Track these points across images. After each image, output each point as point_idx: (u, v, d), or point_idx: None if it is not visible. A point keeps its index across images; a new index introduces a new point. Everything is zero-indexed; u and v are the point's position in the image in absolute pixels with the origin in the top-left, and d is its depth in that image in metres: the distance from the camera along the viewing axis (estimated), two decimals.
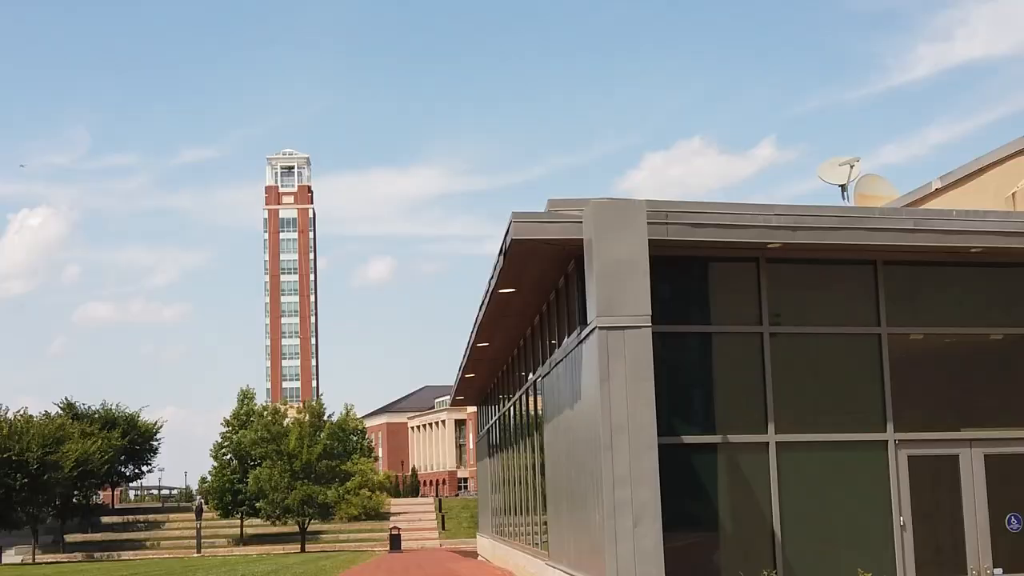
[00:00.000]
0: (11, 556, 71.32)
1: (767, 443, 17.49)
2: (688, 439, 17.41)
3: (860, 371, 18.16)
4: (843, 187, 26.36)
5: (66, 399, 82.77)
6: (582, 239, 16.74)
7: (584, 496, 17.89)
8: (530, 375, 26.52)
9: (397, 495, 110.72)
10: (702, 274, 18.21)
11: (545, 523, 24.35)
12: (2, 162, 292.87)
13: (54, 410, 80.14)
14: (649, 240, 16.25)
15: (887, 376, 18.04)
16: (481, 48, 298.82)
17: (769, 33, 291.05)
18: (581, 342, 17.63)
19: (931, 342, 18.86)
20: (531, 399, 26.79)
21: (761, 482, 17.42)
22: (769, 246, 17.49)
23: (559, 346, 20.87)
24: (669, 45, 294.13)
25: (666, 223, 16.71)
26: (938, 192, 24.67)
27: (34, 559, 70.31)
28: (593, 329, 16.39)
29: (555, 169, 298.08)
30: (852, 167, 26.29)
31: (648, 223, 16.31)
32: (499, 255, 19.17)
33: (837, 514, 17.69)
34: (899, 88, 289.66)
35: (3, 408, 71.05)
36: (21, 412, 70.20)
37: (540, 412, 24.61)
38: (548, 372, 22.26)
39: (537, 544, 26.69)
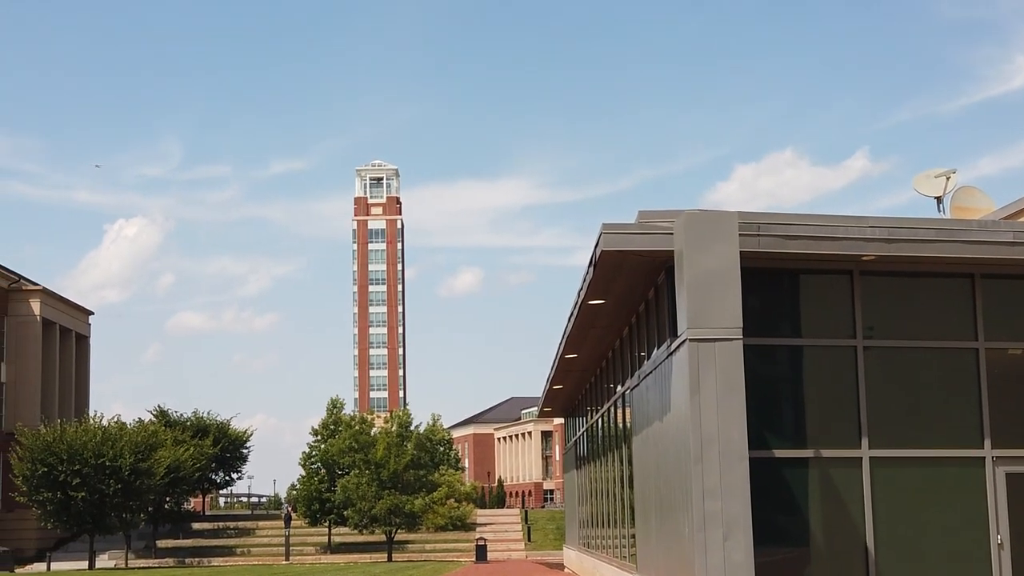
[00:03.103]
0: (104, 561, 72.47)
1: (860, 458, 17.26)
2: (779, 453, 17.23)
3: (957, 386, 17.86)
4: (939, 199, 25.90)
5: (159, 406, 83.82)
6: (672, 250, 16.67)
7: (673, 508, 17.78)
8: (618, 387, 26.43)
9: (483, 506, 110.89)
10: (794, 286, 18.04)
11: (633, 535, 24.23)
12: (100, 173, 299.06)
13: (147, 417, 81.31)
14: (740, 252, 16.14)
15: (984, 392, 17.71)
16: (569, 59, 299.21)
17: (862, 43, 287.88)
18: (671, 354, 17.53)
19: None
20: (619, 411, 26.69)
21: (854, 497, 17.19)
22: (863, 258, 17.26)
23: (648, 358, 20.77)
24: (759, 56, 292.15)
25: (758, 235, 16.57)
26: None
27: (127, 564, 71.42)
28: (684, 341, 16.29)
29: (643, 181, 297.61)
30: (948, 179, 25.81)
31: (740, 235, 16.20)
32: (589, 266, 19.15)
33: (933, 531, 17.40)
34: (996, 99, 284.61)
35: (98, 415, 72.26)
36: (115, 419, 71.34)
37: (629, 424, 24.50)
38: (637, 384, 22.17)
39: (625, 557, 26.57)
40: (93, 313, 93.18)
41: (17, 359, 79.70)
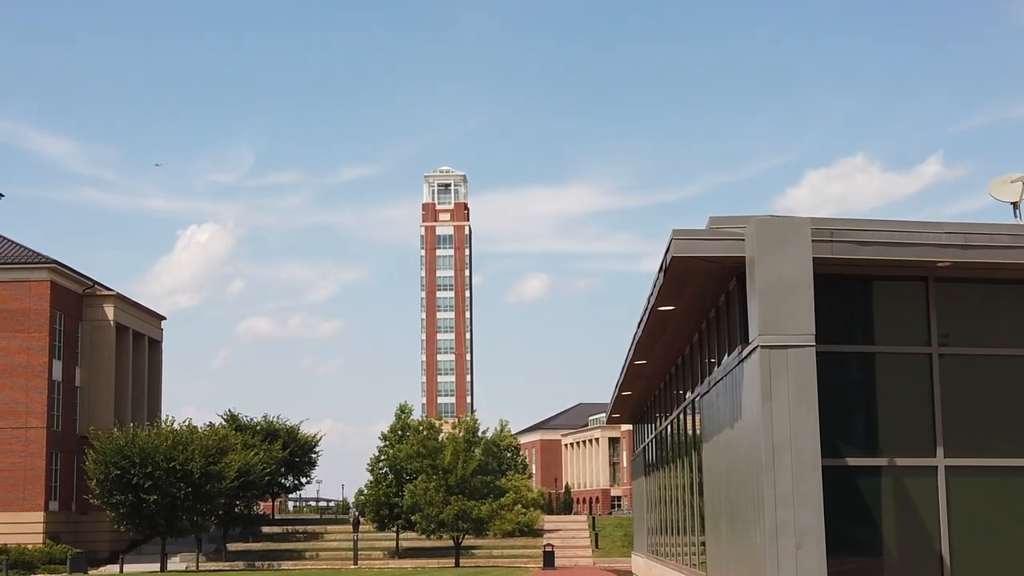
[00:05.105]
0: (176, 563, 73.31)
1: (935, 467, 17.03)
2: (852, 461, 17.05)
3: None
4: (1015, 205, 25.47)
5: (229, 411, 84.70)
6: (744, 256, 16.55)
7: (744, 516, 17.65)
8: (688, 393, 26.30)
9: (550, 512, 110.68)
10: (867, 293, 17.85)
11: (703, 543, 24.10)
12: (173, 179, 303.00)
13: (218, 421, 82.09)
14: (813, 258, 16.00)
15: None
16: (637, 65, 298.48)
17: (935, 47, 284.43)
18: (742, 361, 17.41)
19: None
20: (689, 418, 26.56)
21: (929, 507, 16.95)
22: (938, 265, 17.04)
23: (719, 364, 20.65)
24: (830, 61, 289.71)
25: (831, 241, 16.42)
26: None
27: (198, 567, 72.18)
28: (755, 347, 16.17)
29: (712, 187, 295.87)
30: None
31: (812, 241, 16.07)
32: (659, 272, 19.07)
33: (1010, 542, 17.12)
34: None
35: (169, 418, 73.10)
36: (186, 423, 72.11)
37: (698, 431, 24.38)
38: (707, 391, 22.04)
39: (694, 564, 26.42)
40: (165, 318, 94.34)
41: (91, 363, 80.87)
